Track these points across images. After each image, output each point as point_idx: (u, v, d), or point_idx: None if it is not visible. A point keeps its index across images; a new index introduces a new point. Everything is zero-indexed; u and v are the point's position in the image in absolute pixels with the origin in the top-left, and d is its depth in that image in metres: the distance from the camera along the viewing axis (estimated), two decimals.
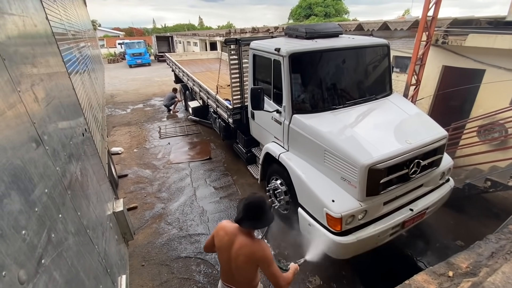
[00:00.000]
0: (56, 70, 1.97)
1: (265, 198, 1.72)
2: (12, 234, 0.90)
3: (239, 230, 1.68)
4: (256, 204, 1.65)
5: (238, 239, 1.65)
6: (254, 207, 1.64)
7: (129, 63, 22.56)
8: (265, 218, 1.66)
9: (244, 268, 1.67)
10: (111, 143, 6.91)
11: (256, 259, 1.63)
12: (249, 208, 1.64)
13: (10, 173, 0.97)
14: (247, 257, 1.63)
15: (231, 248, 1.66)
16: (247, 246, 1.62)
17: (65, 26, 3.89)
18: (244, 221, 1.64)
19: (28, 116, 1.22)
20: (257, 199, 1.67)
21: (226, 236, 1.69)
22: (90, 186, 1.98)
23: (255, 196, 1.70)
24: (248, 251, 1.62)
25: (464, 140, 4.68)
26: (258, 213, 1.64)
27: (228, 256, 1.69)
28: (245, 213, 1.64)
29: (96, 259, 1.64)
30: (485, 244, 2.15)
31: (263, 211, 1.65)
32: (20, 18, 1.43)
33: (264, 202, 1.67)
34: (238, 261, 1.65)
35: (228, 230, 1.71)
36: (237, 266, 1.68)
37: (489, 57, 4.61)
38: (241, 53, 4.45)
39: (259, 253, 1.62)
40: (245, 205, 1.65)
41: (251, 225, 1.65)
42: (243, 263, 1.65)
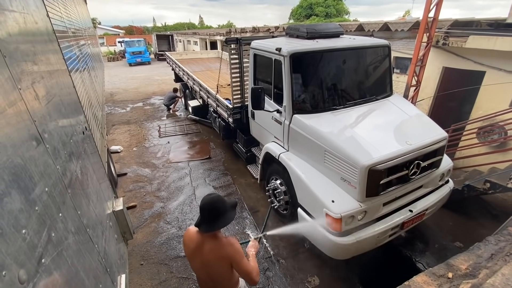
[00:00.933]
0: (57, 67, 1.95)
1: (220, 198, 1.64)
2: (13, 233, 0.89)
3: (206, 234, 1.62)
4: (210, 205, 1.59)
5: (205, 243, 1.61)
6: (208, 209, 1.58)
7: (129, 62, 22.50)
8: (222, 219, 1.60)
9: (219, 270, 1.65)
10: (111, 142, 6.89)
11: (227, 258, 1.61)
12: (203, 210, 1.58)
13: (10, 171, 0.96)
14: (218, 259, 1.61)
15: (201, 253, 1.62)
16: (215, 248, 1.60)
17: (65, 24, 3.88)
18: (202, 225, 1.60)
19: (28, 114, 1.21)
20: (210, 200, 1.60)
21: (193, 243, 1.64)
22: (90, 185, 1.97)
23: (208, 197, 1.62)
24: (217, 253, 1.60)
25: (463, 142, 4.69)
26: (214, 214, 1.58)
27: (201, 262, 1.64)
28: (201, 216, 1.60)
29: (96, 258, 1.63)
30: (485, 246, 2.16)
31: (218, 212, 1.58)
32: (21, 15, 1.42)
33: (218, 202, 1.60)
34: (211, 264, 1.63)
35: (193, 236, 1.65)
36: (212, 270, 1.65)
37: (489, 59, 4.62)
38: (242, 52, 4.44)
39: (228, 252, 1.60)
40: (200, 208, 1.60)
41: (208, 228, 1.58)
42: (216, 266, 1.63)
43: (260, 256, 3.41)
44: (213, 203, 1.59)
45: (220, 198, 1.63)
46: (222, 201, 1.62)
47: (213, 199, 1.61)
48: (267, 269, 3.23)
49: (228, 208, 1.63)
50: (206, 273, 1.68)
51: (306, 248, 3.45)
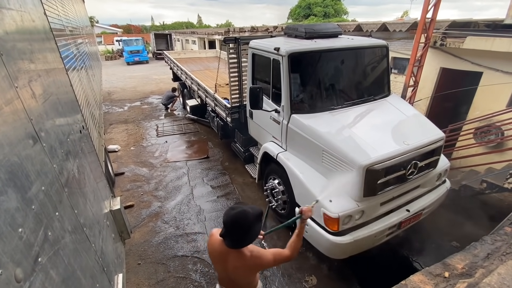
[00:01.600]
0: (54, 66, 1.94)
1: (245, 213, 1.44)
2: (9, 232, 0.88)
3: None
4: (234, 223, 1.44)
5: (230, 256, 1.53)
6: (232, 225, 1.44)
7: (127, 61, 22.40)
8: (247, 237, 1.47)
9: (243, 278, 1.62)
10: (108, 141, 6.86)
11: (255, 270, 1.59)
12: (227, 225, 1.46)
13: (7, 170, 0.96)
14: (245, 271, 1.57)
15: (225, 262, 1.56)
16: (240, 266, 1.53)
17: (63, 22, 3.85)
18: (227, 239, 1.48)
19: (25, 113, 1.20)
20: (233, 218, 1.44)
21: (216, 252, 1.59)
22: (87, 184, 1.96)
23: (232, 213, 1.45)
24: (244, 266, 1.53)
25: (460, 142, 4.72)
26: (238, 232, 1.45)
27: (224, 268, 1.59)
28: (226, 231, 1.47)
29: (93, 258, 1.62)
30: (481, 245, 2.17)
31: (243, 229, 1.44)
32: (18, 13, 1.41)
33: (242, 219, 1.43)
34: (235, 274, 1.58)
35: (217, 244, 1.57)
36: (235, 278, 1.60)
37: (486, 60, 4.65)
38: (240, 52, 4.44)
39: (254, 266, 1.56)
40: (226, 223, 1.46)
41: (232, 244, 1.48)
42: (241, 276, 1.59)
43: None
44: (237, 221, 1.44)
45: (244, 214, 1.45)
46: (246, 217, 1.44)
47: (236, 216, 1.44)
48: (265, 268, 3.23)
49: (252, 222, 1.46)
50: (228, 276, 1.64)
51: (303, 248, 3.45)
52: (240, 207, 1.48)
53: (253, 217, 1.46)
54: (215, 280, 3.08)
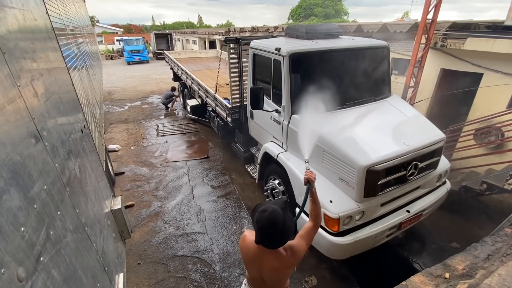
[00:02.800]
0: (56, 65, 1.94)
1: (278, 210, 1.39)
2: (11, 231, 0.88)
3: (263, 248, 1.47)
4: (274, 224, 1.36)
5: (266, 256, 1.49)
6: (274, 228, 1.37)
7: (127, 60, 22.40)
8: (287, 233, 1.41)
9: (281, 278, 1.61)
10: (108, 140, 6.86)
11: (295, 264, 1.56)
12: (268, 229, 1.38)
13: (9, 169, 0.96)
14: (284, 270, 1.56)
15: (261, 264, 1.53)
16: (280, 264, 1.49)
17: (64, 21, 3.86)
18: (266, 242, 1.43)
19: (27, 111, 1.20)
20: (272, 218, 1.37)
21: (250, 253, 1.54)
22: (89, 183, 1.96)
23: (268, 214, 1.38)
24: (283, 267, 1.52)
25: (461, 143, 4.73)
26: (279, 232, 1.38)
27: (259, 269, 1.56)
28: (262, 236, 1.41)
29: (94, 257, 1.62)
30: (481, 247, 2.18)
31: (282, 228, 1.38)
32: (21, 11, 1.41)
33: (279, 217, 1.37)
34: (273, 275, 1.56)
35: (251, 247, 1.52)
36: (271, 279, 1.58)
37: (487, 61, 4.66)
38: (241, 52, 4.44)
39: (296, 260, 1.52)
40: (263, 227, 1.39)
41: (276, 245, 1.44)
42: (279, 277, 1.58)
43: None
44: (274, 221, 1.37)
45: (277, 212, 1.39)
46: (279, 214, 1.38)
47: (271, 217, 1.37)
48: None
49: (284, 217, 1.40)
50: (261, 277, 1.60)
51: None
52: (269, 207, 1.42)
53: (283, 212, 1.42)
54: (215, 280, 3.08)
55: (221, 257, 3.39)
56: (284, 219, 1.40)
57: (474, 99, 4.98)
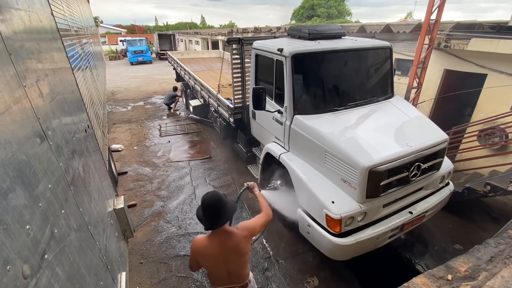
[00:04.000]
0: (61, 65, 1.96)
1: (216, 193, 1.77)
2: (17, 229, 0.90)
3: (215, 233, 1.75)
4: (214, 203, 1.70)
5: (224, 240, 1.74)
6: (215, 206, 1.69)
7: (131, 61, 22.54)
8: (227, 206, 1.74)
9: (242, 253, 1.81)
10: (111, 140, 6.91)
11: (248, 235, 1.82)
12: (211, 210, 1.69)
13: (15, 167, 0.97)
14: (242, 241, 1.78)
15: (222, 250, 1.75)
16: (234, 237, 1.76)
17: (68, 22, 3.89)
18: (214, 223, 1.71)
19: (33, 111, 1.22)
20: (211, 200, 1.71)
21: (215, 246, 1.75)
22: (92, 183, 1.98)
23: (208, 197, 1.72)
24: (239, 238, 1.77)
25: (464, 144, 4.70)
26: (221, 208, 1.70)
27: (222, 257, 1.76)
28: (211, 217, 1.70)
29: (97, 256, 1.64)
30: (484, 248, 2.16)
31: (223, 205, 1.71)
32: (26, 13, 1.43)
33: (217, 198, 1.72)
34: (235, 252, 1.77)
35: (207, 243, 1.77)
36: (233, 259, 1.79)
37: (491, 62, 4.62)
38: (244, 52, 4.45)
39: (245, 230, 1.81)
40: (206, 211, 1.69)
41: (222, 222, 1.71)
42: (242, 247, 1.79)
43: (259, 256, 3.41)
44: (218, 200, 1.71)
45: (215, 193, 1.76)
46: (218, 195, 1.75)
47: (212, 197, 1.72)
48: (266, 269, 3.24)
49: (224, 200, 1.75)
50: (226, 267, 1.79)
51: (305, 249, 3.45)
52: (208, 192, 1.77)
53: (223, 196, 1.76)
54: None
55: None
56: (222, 197, 1.74)
57: (478, 100, 4.95)
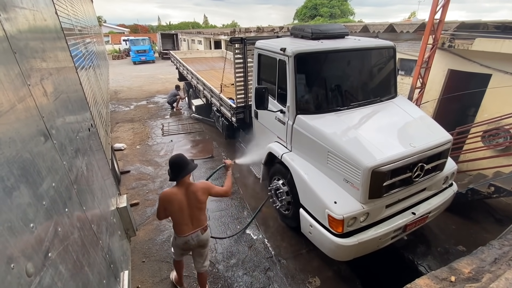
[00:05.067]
0: (64, 65, 1.98)
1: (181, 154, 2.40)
2: (21, 227, 0.90)
3: (181, 184, 2.32)
4: (177, 160, 2.31)
5: (187, 190, 2.32)
6: (177, 163, 2.30)
7: (134, 60, 22.62)
8: (189, 164, 2.33)
9: (200, 201, 2.36)
10: (114, 139, 6.93)
11: (206, 190, 2.40)
12: (174, 165, 2.29)
13: (19, 166, 0.98)
14: (199, 191, 2.34)
15: (185, 197, 2.31)
16: (194, 187, 2.35)
17: (72, 22, 3.91)
18: (179, 176, 2.28)
19: (37, 110, 1.22)
20: (175, 158, 2.32)
21: (178, 194, 2.29)
22: (95, 181, 1.99)
23: (173, 156, 2.34)
24: (197, 188, 2.35)
25: (468, 145, 4.66)
26: (183, 164, 2.30)
27: (186, 204, 2.32)
28: (175, 171, 2.28)
29: (100, 254, 1.65)
30: (488, 250, 2.15)
31: (184, 162, 2.32)
32: (31, 12, 1.44)
33: (180, 157, 2.35)
34: (195, 199, 2.33)
35: (174, 191, 2.31)
36: (194, 205, 2.34)
37: (496, 62, 4.58)
38: (246, 52, 4.45)
39: (204, 186, 2.41)
40: (172, 166, 2.29)
41: (185, 174, 2.28)
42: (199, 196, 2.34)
43: (261, 256, 3.41)
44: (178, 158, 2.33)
45: (179, 155, 2.38)
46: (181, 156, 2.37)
47: (177, 156, 2.35)
48: (268, 269, 3.23)
49: (186, 160, 2.35)
50: (189, 213, 2.35)
51: (307, 249, 3.45)
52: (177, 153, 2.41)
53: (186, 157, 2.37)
54: (219, 279, 3.10)
55: (224, 257, 3.41)
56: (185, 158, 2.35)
57: (482, 100, 4.90)
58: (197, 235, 2.45)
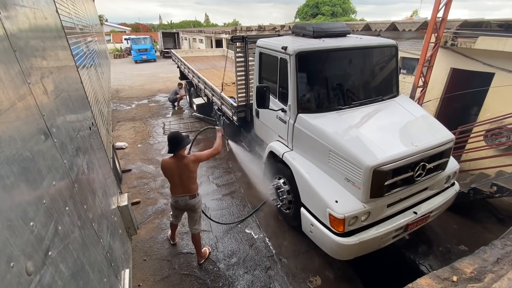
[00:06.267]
0: (65, 63, 1.97)
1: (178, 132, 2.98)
2: (21, 226, 0.90)
3: (176, 156, 2.81)
4: (174, 136, 2.80)
5: (180, 160, 2.81)
6: (174, 138, 2.78)
7: (135, 59, 22.63)
8: (184, 140, 2.80)
9: (191, 171, 2.85)
10: (116, 138, 6.94)
11: (195, 159, 2.87)
12: (171, 140, 2.77)
13: (19, 164, 0.97)
14: (190, 163, 2.83)
15: (178, 167, 2.81)
16: (186, 159, 2.83)
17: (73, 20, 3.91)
18: (174, 149, 2.77)
19: (37, 108, 1.22)
20: (172, 134, 2.84)
21: (173, 164, 2.82)
22: (96, 180, 1.99)
23: (171, 133, 2.88)
24: (188, 160, 2.83)
25: (470, 144, 4.64)
26: (178, 140, 2.78)
27: (178, 173, 2.83)
28: (172, 145, 2.77)
29: (101, 253, 1.65)
30: (491, 250, 2.13)
31: (180, 138, 2.79)
32: (31, 10, 1.44)
33: (177, 133, 2.87)
34: (186, 169, 2.82)
35: (170, 161, 2.84)
36: (184, 175, 2.84)
37: (499, 61, 4.55)
38: (247, 50, 4.43)
39: (193, 157, 2.87)
40: (169, 141, 2.78)
41: (180, 148, 2.77)
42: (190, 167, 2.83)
43: (262, 254, 3.41)
44: (175, 134, 2.86)
45: (176, 132, 2.92)
46: (178, 133, 2.89)
47: (174, 133, 2.88)
48: (268, 268, 3.23)
49: (182, 136, 2.83)
50: (180, 179, 2.87)
51: (308, 248, 3.44)
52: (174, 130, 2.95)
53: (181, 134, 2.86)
54: (219, 278, 3.10)
55: (225, 255, 3.41)
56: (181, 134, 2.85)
57: (485, 99, 4.87)
58: (185, 199, 2.95)
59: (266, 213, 4.16)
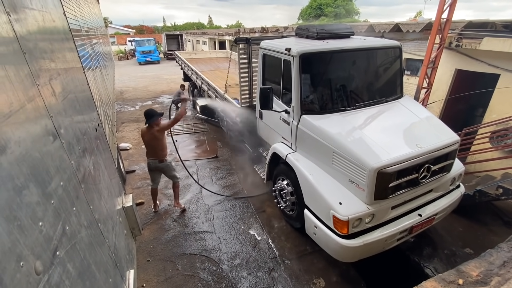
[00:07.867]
0: (72, 65, 2.00)
1: (152, 109, 3.85)
2: (30, 225, 0.91)
3: (150, 126, 3.76)
4: (148, 112, 3.77)
5: (150, 129, 3.75)
6: (148, 113, 3.76)
7: (139, 61, 22.83)
8: (155, 114, 3.76)
9: (158, 138, 3.78)
10: (120, 139, 6.99)
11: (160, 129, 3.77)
12: (146, 115, 3.75)
13: (29, 165, 0.99)
14: (156, 131, 3.73)
15: (149, 134, 3.75)
16: (154, 129, 3.73)
17: (80, 23, 3.96)
18: (148, 121, 3.73)
19: (46, 110, 1.24)
20: (147, 110, 3.80)
21: (147, 132, 3.77)
22: (102, 181, 2.01)
23: (146, 109, 3.82)
24: (155, 129, 3.73)
25: (476, 146, 4.59)
26: (151, 114, 3.74)
27: (149, 139, 3.78)
28: (146, 118, 3.74)
29: (107, 253, 1.66)
30: (497, 253, 2.11)
31: (152, 113, 3.75)
32: (40, 13, 1.46)
33: (150, 110, 3.82)
34: (154, 137, 3.76)
35: (145, 130, 3.79)
36: (153, 141, 3.79)
37: (504, 62, 4.51)
38: (251, 52, 4.45)
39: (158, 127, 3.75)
40: (145, 115, 3.76)
41: (152, 120, 3.72)
42: (156, 135, 3.75)
43: (265, 256, 3.41)
44: (149, 111, 3.79)
45: (151, 109, 3.83)
46: (152, 110, 3.82)
47: (148, 110, 3.81)
48: (272, 269, 3.23)
49: (155, 113, 3.78)
50: (153, 145, 3.83)
51: (311, 250, 3.43)
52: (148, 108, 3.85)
53: (154, 110, 3.82)
54: (223, 279, 3.10)
55: (228, 257, 3.41)
56: (154, 111, 3.81)
57: (490, 100, 4.83)
58: (155, 162, 3.91)
59: (269, 214, 4.16)
